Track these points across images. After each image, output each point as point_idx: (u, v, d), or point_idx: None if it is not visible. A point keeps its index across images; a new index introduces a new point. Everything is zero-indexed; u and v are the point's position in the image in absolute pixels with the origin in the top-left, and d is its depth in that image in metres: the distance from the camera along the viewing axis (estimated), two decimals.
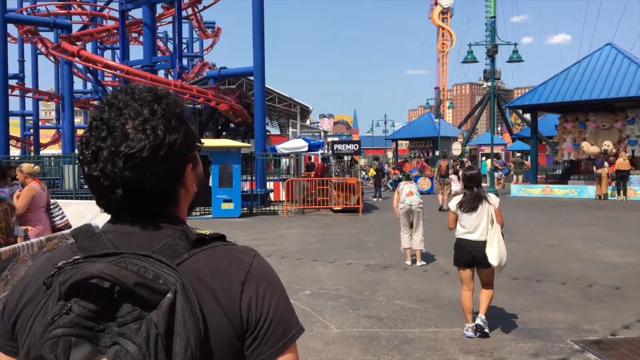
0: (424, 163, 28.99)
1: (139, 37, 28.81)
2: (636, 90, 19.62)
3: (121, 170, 0.89)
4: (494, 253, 4.83)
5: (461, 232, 5.14)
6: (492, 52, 21.15)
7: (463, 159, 31.41)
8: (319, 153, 20.99)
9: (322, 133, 32.04)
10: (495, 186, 23.33)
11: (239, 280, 0.91)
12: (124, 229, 0.94)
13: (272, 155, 19.81)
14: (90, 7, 27.60)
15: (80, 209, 7.09)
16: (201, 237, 0.93)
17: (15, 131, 37.36)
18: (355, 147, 18.85)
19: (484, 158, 33.60)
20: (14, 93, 31.98)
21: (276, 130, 37.74)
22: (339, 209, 16.12)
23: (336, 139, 30.65)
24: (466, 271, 5.12)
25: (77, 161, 17.71)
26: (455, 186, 17.02)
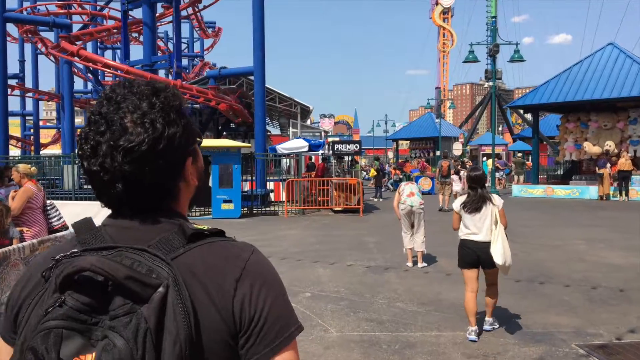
0: (424, 163, 28.89)
1: (139, 37, 28.73)
2: (638, 90, 19.50)
3: (120, 165, 0.88)
4: (498, 252, 4.79)
5: (465, 233, 5.10)
6: (493, 51, 21.07)
7: (464, 159, 31.36)
8: (319, 153, 20.89)
9: (322, 133, 31.92)
10: (496, 186, 23.24)
11: (233, 276, 0.89)
12: (123, 223, 0.93)
13: (273, 155, 19.72)
14: (91, 6, 27.55)
15: (78, 209, 7.01)
16: (198, 232, 0.91)
17: (16, 131, 37.33)
18: (356, 147, 18.77)
19: (485, 158, 33.51)
20: (14, 93, 31.94)
21: (277, 130, 37.65)
22: (339, 209, 16.04)
23: (337, 139, 30.58)
24: (471, 271, 5.06)
25: (76, 161, 17.64)
26: (457, 186, 16.94)
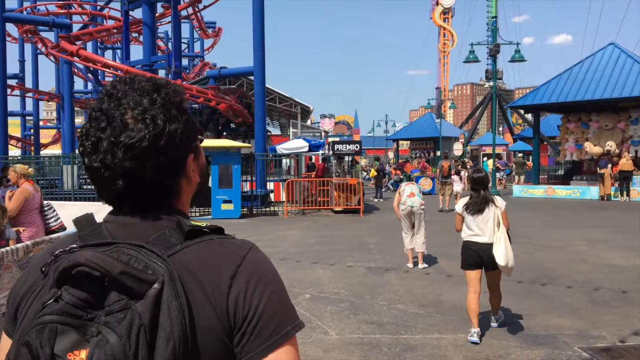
0: (425, 163, 28.80)
1: (139, 37, 28.68)
2: None
3: (121, 161, 0.87)
4: (501, 253, 4.78)
5: (468, 235, 5.08)
6: (494, 51, 21.01)
7: (464, 160, 31.30)
8: (319, 153, 20.83)
9: (323, 133, 31.85)
10: (497, 187, 23.18)
11: (228, 274, 0.87)
12: (124, 220, 0.93)
13: (273, 155, 19.65)
14: (91, 6, 27.50)
15: (75, 210, 6.94)
16: (196, 229, 0.90)
17: (16, 131, 37.31)
18: (356, 147, 18.69)
19: (485, 158, 33.48)
20: (14, 93, 31.90)
21: (277, 131, 37.57)
22: (339, 209, 15.98)
23: (337, 139, 30.50)
24: (474, 273, 5.04)
25: (76, 161, 17.58)
26: (457, 187, 16.87)
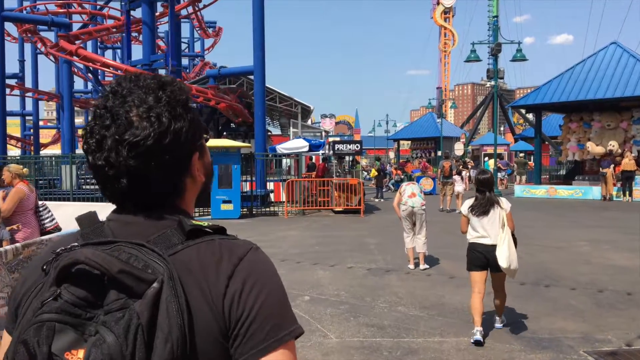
0: (426, 163, 28.69)
1: (138, 37, 28.58)
2: None
3: (125, 159, 0.86)
4: (503, 255, 4.73)
5: (474, 236, 5.03)
6: (495, 50, 20.91)
7: (466, 159, 31.19)
8: (320, 153, 20.73)
9: (323, 133, 31.74)
10: (498, 187, 23.07)
11: (226, 274, 0.85)
12: (126, 219, 0.92)
13: (273, 155, 19.55)
14: (90, 5, 27.42)
15: (72, 210, 6.85)
16: (197, 229, 0.89)
17: (16, 131, 37.23)
18: (357, 147, 18.59)
19: (486, 158, 33.37)
20: (14, 93, 31.81)
21: (277, 130, 37.49)
22: (340, 210, 15.88)
23: (337, 139, 30.40)
24: (479, 274, 4.99)
25: (75, 161, 17.49)
26: (458, 187, 16.75)
